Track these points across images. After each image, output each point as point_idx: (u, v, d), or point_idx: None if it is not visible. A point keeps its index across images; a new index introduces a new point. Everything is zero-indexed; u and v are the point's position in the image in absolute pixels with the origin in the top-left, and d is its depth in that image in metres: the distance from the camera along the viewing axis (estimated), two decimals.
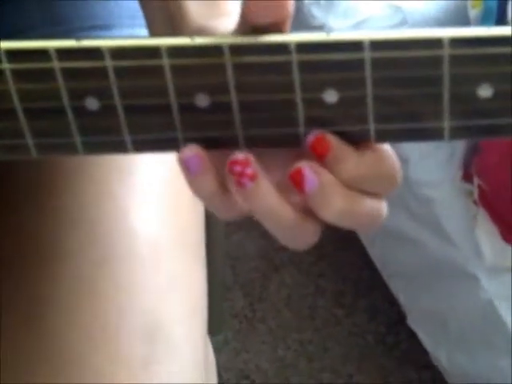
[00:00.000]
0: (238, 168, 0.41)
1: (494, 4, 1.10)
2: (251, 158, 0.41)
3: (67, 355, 0.60)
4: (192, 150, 0.41)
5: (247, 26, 0.40)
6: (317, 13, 1.33)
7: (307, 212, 0.42)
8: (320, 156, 0.41)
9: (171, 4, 0.51)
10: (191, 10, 0.50)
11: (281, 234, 0.43)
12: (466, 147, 1.19)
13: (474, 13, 1.16)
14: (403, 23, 1.29)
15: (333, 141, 0.41)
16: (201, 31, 0.48)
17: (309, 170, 0.40)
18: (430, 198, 1.25)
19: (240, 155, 0.41)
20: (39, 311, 0.62)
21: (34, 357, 0.61)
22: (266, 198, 0.41)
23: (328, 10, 1.33)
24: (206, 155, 0.42)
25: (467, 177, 1.19)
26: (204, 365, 0.67)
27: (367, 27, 1.29)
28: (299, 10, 1.35)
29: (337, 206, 0.41)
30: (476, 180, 1.15)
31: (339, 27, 1.31)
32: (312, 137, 0.41)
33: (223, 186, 0.42)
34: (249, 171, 0.41)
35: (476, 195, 1.17)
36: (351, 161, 0.41)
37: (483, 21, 1.13)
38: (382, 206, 0.44)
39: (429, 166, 1.25)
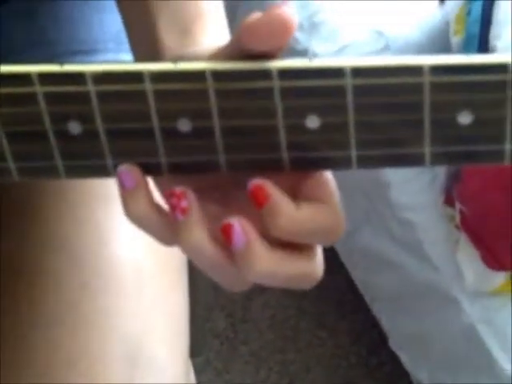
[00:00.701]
0: (173, 200, 0.41)
1: (476, 31, 1.11)
2: (189, 192, 0.41)
3: (50, 380, 0.60)
4: (127, 166, 0.42)
5: (239, 50, 0.40)
6: (300, 37, 1.34)
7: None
8: (258, 205, 0.41)
9: (151, 39, 0.51)
10: (167, 44, 0.50)
11: (205, 272, 0.44)
12: (447, 172, 1.20)
13: (456, 39, 1.17)
14: (386, 48, 1.29)
15: (272, 192, 0.41)
16: (181, 57, 0.48)
17: (239, 227, 0.41)
18: (412, 222, 1.25)
19: (178, 188, 0.41)
20: (20, 336, 0.62)
21: (13, 376, 0.61)
22: (192, 234, 0.41)
23: (311, 35, 1.33)
24: (141, 174, 0.42)
25: (449, 201, 1.20)
26: None
27: (350, 52, 1.29)
28: None
29: (259, 267, 0.41)
30: (458, 205, 1.16)
31: (322, 51, 1.31)
32: (253, 184, 0.41)
33: (159, 210, 0.43)
34: (182, 204, 0.41)
35: (458, 220, 1.17)
36: (286, 215, 0.41)
37: (465, 47, 1.13)
38: (312, 267, 0.43)
39: (411, 190, 1.25)
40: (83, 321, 0.62)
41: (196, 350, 1.06)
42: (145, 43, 0.52)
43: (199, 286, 1.06)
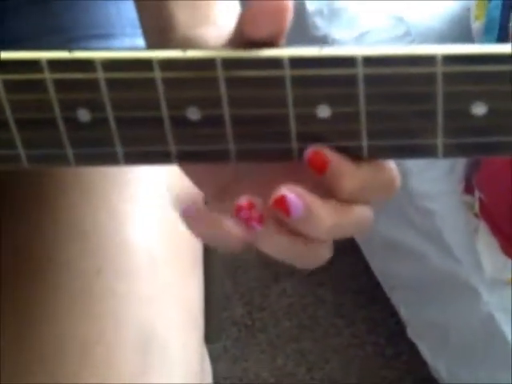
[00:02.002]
0: (244, 214, 0.41)
1: (496, 16, 1.10)
2: (255, 200, 0.41)
3: (62, 365, 0.60)
4: (189, 206, 0.42)
5: (242, 38, 0.40)
6: (320, 23, 1.33)
7: None
8: (318, 171, 0.40)
9: (163, 14, 0.51)
10: (179, 19, 0.50)
11: (290, 262, 0.43)
12: (467, 160, 1.19)
13: (476, 25, 1.16)
14: (407, 34, 1.29)
15: (331, 155, 0.40)
16: (188, 40, 0.48)
17: (292, 195, 0.40)
18: (431, 211, 1.24)
19: (244, 200, 0.41)
20: (35, 322, 0.62)
21: (28, 365, 0.61)
22: (275, 238, 0.41)
23: (331, 21, 1.33)
24: (203, 208, 0.42)
25: (469, 189, 1.19)
26: (200, 375, 0.67)
27: (370, 38, 1.29)
28: (303, 20, 1.35)
29: (326, 224, 0.40)
30: (477, 193, 1.15)
31: (342, 38, 1.30)
32: (310, 152, 0.40)
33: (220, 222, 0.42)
34: (255, 215, 0.41)
35: (477, 208, 1.17)
36: (349, 176, 0.40)
37: (486, 33, 1.13)
38: (370, 211, 0.43)
39: (430, 178, 1.24)
40: (97, 307, 0.62)
41: (213, 337, 1.06)
42: (156, 23, 0.52)
43: (216, 273, 1.07)
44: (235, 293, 1.58)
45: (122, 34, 0.73)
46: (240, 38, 0.40)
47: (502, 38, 1.07)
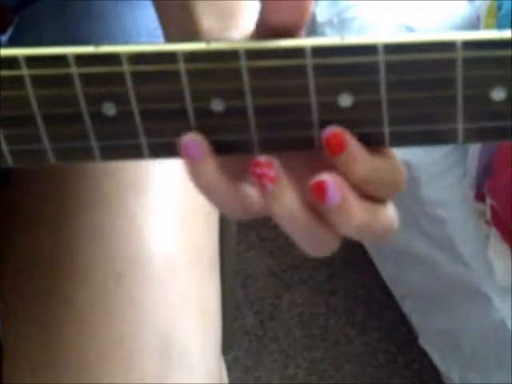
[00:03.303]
0: (259, 170, 0.41)
1: (507, 25, 1.11)
2: (275, 161, 0.41)
3: (82, 368, 0.61)
4: (191, 136, 0.41)
5: (265, 29, 0.41)
6: (330, 33, 1.34)
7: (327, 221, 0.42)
8: (334, 153, 0.40)
9: (186, 18, 0.52)
10: (205, 25, 0.51)
11: (298, 239, 0.43)
12: (478, 167, 1.19)
13: None
14: None
15: (348, 139, 0.40)
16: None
17: (332, 183, 0.40)
18: (442, 218, 1.25)
19: (262, 157, 0.41)
20: (56, 326, 0.63)
21: (49, 367, 0.62)
22: (285, 201, 0.41)
23: (341, 31, 1.34)
24: (206, 142, 0.41)
25: (480, 197, 1.19)
26: (218, 380, 0.67)
27: None
28: (312, 30, 1.36)
29: (356, 220, 0.41)
30: (489, 200, 1.15)
31: None
32: (328, 132, 0.40)
33: (228, 176, 0.42)
34: (271, 173, 0.41)
35: (488, 215, 1.17)
36: (363, 162, 0.41)
37: None
38: (394, 215, 0.43)
39: (441, 186, 1.25)
40: (117, 312, 0.63)
41: (225, 347, 1.06)
42: (180, 30, 0.53)
43: (228, 283, 1.07)
44: (246, 302, 1.58)
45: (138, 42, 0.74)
46: (262, 29, 0.41)
47: None
